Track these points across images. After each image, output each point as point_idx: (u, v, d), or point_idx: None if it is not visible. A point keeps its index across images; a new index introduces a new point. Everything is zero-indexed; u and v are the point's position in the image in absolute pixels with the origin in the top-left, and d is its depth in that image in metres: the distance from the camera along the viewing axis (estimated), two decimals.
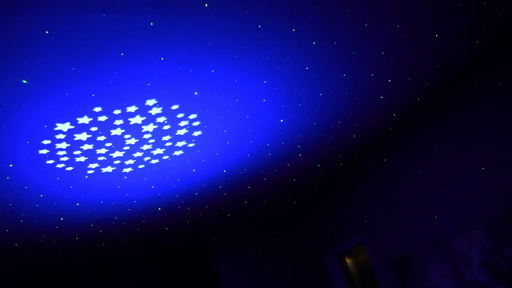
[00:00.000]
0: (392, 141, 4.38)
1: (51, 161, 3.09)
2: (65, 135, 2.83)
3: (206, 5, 2.09)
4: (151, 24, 2.11)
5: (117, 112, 2.74)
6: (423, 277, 4.12)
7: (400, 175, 4.33)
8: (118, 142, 3.11)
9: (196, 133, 3.33)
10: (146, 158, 3.47)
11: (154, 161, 3.56)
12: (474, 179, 3.55)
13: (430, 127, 3.92)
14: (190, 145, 3.48)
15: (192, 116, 3.06)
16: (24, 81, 2.17)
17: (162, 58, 2.38)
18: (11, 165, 2.99)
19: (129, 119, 2.86)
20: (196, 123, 3.17)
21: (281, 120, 3.48)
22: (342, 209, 5.35)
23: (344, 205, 5.29)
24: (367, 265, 5.58)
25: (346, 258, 5.84)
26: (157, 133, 3.15)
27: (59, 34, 2.02)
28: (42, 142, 2.83)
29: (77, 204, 3.95)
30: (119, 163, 3.42)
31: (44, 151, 2.94)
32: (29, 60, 2.11)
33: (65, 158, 3.12)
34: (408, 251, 4.31)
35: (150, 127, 3.04)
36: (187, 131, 3.25)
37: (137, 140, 3.16)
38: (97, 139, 2.99)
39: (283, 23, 2.39)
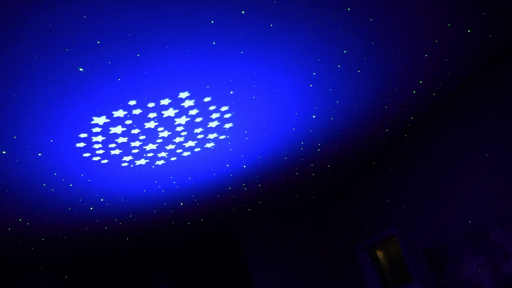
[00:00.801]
0: (427, 129, 4.27)
1: (87, 154, 3.18)
2: (101, 129, 2.90)
3: (243, 11, 2.08)
4: (188, 19, 2.12)
5: (151, 105, 2.78)
6: (459, 270, 4.03)
7: (435, 164, 4.22)
8: (151, 135, 3.16)
9: (228, 125, 3.34)
10: (178, 150, 3.52)
11: (186, 154, 3.61)
12: None
13: (468, 115, 3.80)
14: (222, 137, 3.50)
15: (224, 108, 3.08)
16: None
17: (189, 52, 2.39)
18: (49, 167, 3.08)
19: (163, 112, 2.90)
20: (227, 115, 3.19)
21: (314, 114, 3.46)
22: (373, 200, 5.28)
23: (375, 195, 5.22)
24: (399, 258, 5.51)
25: (377, 250, 5.77)
26: (189, 126, 3.18)
27: (97, 28, 2.05)
28: (80, 136, 2.91)
29: (117, 195, 4.06)
30: (152, 155, 3.48)
31: (81, 144, 3.02)
32: (69, 54, 2.16)
33: (101, 151, 3.19)
34: (442, 243, 4.21)
35: (183, 120, 3.08)
36: (218, 123, 3.27)
37: (170, 133, 3.21)
38: (132, 132, 3.05)
39: (315, 19, 2.36)
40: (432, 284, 4.46)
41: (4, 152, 2.86)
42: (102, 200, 4.10)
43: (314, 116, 3.54)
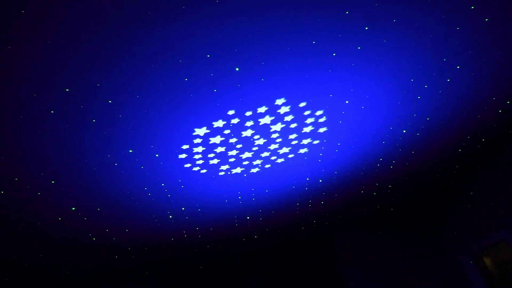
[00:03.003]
0: None
1: (188, 165, 3.32)
2: (201, 139, 3.01)
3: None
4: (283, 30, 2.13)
5: (248, 113, 2.83)
6: None
7: None
8: (247, 143, 3.22)
9: (322, 130, 3.30)
10: (272, 157, 3.54)
11: (279, 160, 3.62)
12: None
13: None
14: (315, 142, 3.46)
15: (319, 113, 3.04)
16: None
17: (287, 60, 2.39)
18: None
19: (259, 120, 2.94)
20: (322, 120, 3.14)
21: (415, 113, 3.28)
22: (479, 203, 4.87)
23: (482, 198, 4.82)
24: (510, 265, 5.01)
25: (484, 256, 5.31)
26: (284, 132, 3.19)
27: (206, 43, 2.13)
28: (182, 147, 3.05)
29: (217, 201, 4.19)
30: (248, 163, 3.54)
31: (183, 156, 3.16)
32: (178, 70, 2.27)
33: (200, 161, 3.32)
34: None
35: (278, 126, 3.09)
36: (313, 128, 3.24)
37: (265, 140, 3.24)
38: (229, 141, 3.13)
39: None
40: None
41: (116, 164, 3.09)
42: (199, 210, 4.26)
43: (415, 115, 3.37)
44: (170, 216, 4.29)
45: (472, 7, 2.35)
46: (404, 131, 3.63)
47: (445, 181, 5.28)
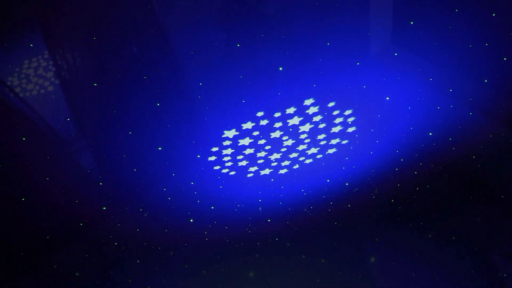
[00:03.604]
0: None
1: (217, 167, 3.36)
2: (230, 142, 3.04)
3: None
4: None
5: (277, 114, 2.84)
6: None
7: None
8: (276, 144, 3.23)
9: (351, 129, 3.27)
10: (301, 158, 3.54)
11: (308, 161, 3.61)
12: None
13: None
14: (344, 142, 3.44)
15: (348, 112, 3.02)
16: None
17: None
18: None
19: (288, 121, 2.95)
20: (350, 119, 3.12)
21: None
22: None
23: None
24: None
25: None
26: (313, 132, 3.18)
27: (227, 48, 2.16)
28: (211, 150, 3.09)
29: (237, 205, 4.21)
30: (276, 164, 3.54)
31: (213, 158, 3.20)
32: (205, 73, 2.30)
33: (229, 163, 3.35)
34: None
35: (307, 127, 3.09)
36: (341, 127, 3.22)
37: (294, 141, 3.24)
38: (258, 143, 3.14)
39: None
40: None
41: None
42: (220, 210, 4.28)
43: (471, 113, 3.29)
44: (191, 220, 4.33)
45: None
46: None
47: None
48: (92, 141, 2.81)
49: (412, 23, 2.26)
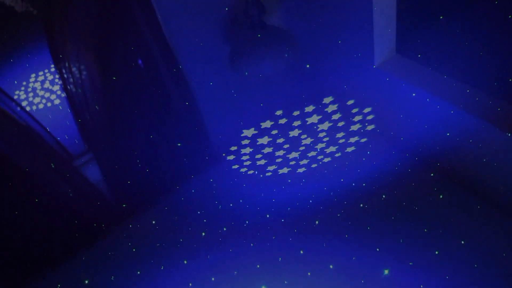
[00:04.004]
0: None
1: (236, 166, 3.37)
2: (249, 140, 3.05)
3: None
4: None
5: (296, 113, 2.84)
6: None
7: None
8: (294, 143, 3.23)
9: (370, 127, 3.25)
10: (319, 157, 3.52)
11: (326, 159, 3.59)
12: None
13: None
14: (362, 140, 3.41)
15: (367, 110, 3.01)
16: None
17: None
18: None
19: (306, 119, 2.94)
20: (370, 117, 3.10)
21: None
22: None
23: None
24: None
25: None
26: (332, 131, 3.17)
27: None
28: (230, 149, 3.10)
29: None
30: (294, 163, 3.54)
31: (231, 157, 3.21)
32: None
33: (248, 162, 3.36)
34: None
35: (325, 125, 3.08)
36: (360, 125, 3.20)
37: (312, 140, 3.23)
38: (277, 142, 3.15)
39: None
40: None
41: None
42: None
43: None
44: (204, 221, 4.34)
45: None
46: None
47: None
48: (102, 148, 2.83)
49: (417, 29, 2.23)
